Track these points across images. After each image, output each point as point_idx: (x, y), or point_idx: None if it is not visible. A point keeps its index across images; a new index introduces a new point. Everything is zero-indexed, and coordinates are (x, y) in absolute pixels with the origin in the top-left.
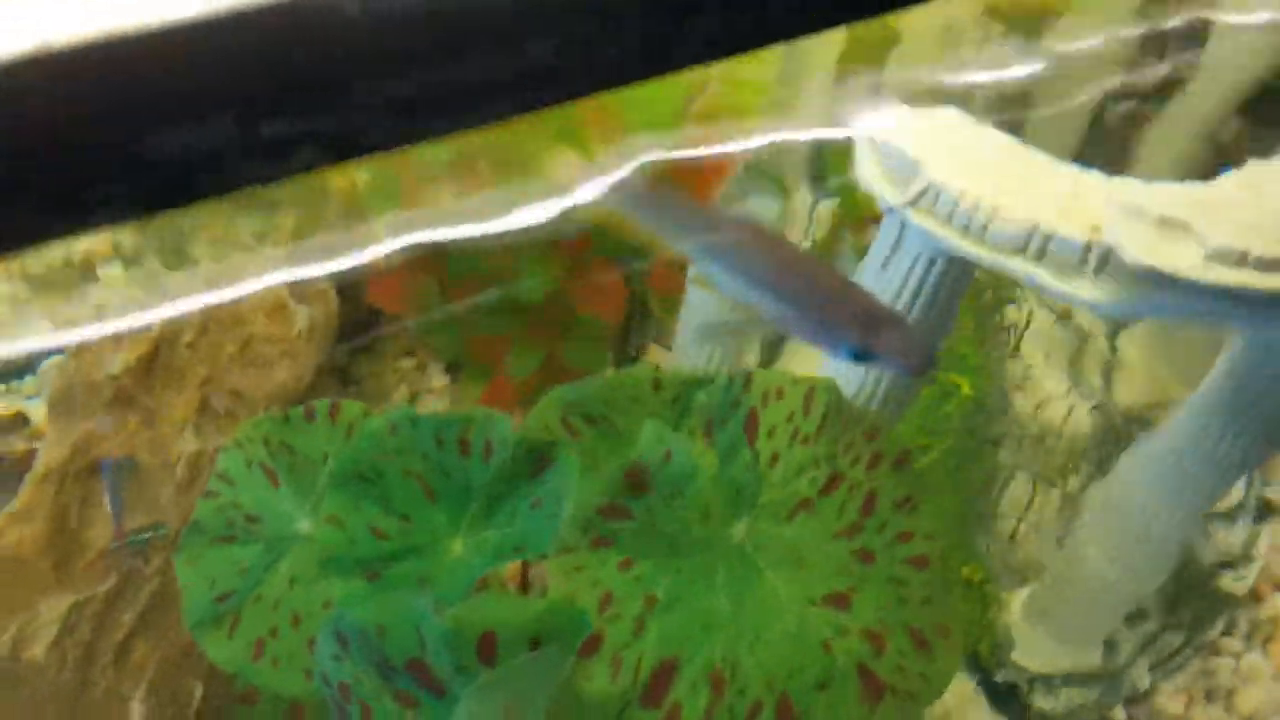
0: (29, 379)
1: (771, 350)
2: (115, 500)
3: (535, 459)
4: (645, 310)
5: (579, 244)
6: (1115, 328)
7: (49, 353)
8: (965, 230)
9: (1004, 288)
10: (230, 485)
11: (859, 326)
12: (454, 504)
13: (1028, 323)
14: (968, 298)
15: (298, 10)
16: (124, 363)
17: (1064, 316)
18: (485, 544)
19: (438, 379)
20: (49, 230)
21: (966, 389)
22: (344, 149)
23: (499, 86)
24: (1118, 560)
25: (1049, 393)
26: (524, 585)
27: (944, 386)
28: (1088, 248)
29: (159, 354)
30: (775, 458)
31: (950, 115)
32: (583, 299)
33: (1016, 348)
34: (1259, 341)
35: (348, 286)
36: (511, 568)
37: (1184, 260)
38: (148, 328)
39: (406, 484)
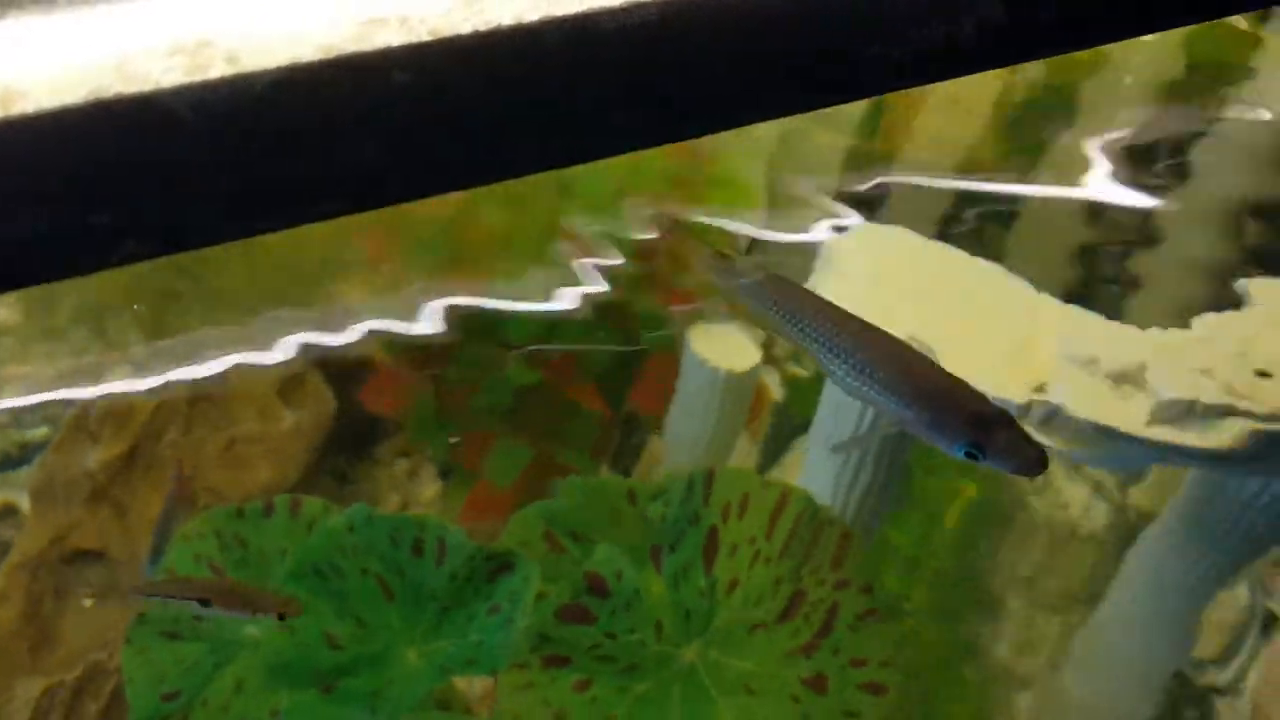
0: (24, 469)
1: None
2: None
3: (495, 565)
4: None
5: (565, 360)
6: None
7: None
8: None
9: None
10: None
11: (972, 426)
12: (410, 607)
13: None
14: None
15: (131, 107)
16: (102, 458)
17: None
18: (439, 655)
19: (430, 486)
20: None
21: (973, 491)
22: (170, 241)
23: (328, 184)
24: (1104, 694)
25: (1069, 497)
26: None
27: (951, 489)
28: (1027, 407)
29: (139, 451)
30: (734, 582)
31: (899, 234)
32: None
33: None
34: (1213, 479)
35: (344, 386)
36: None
37: (1132, 416)
38: (129, 423)
39: (364, 582)
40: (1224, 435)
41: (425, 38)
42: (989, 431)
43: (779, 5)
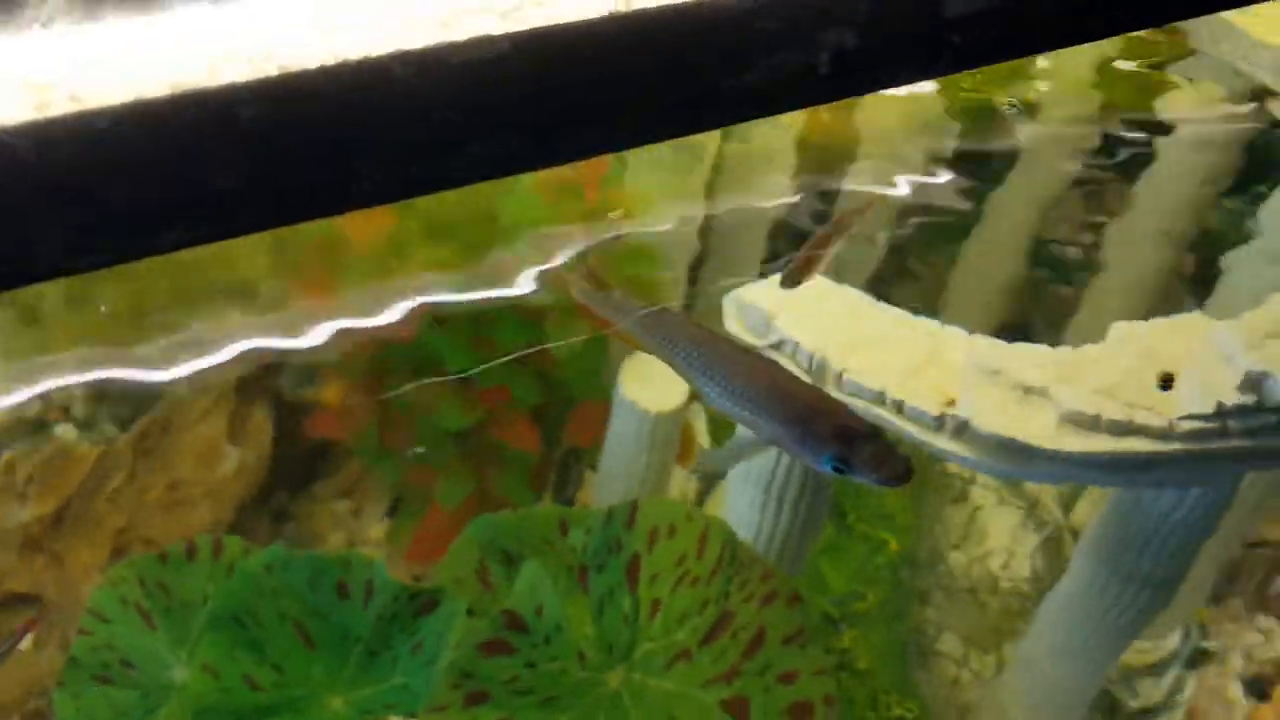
0: None
1: None
2: None
3: (419, 604)
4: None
5: (498, 392)
6: None
7: None
8: (823, 380)
9: None
10: (105, 623)
11: (838, 440)
12: (332, 653)
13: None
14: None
15: None
16: (34, 513)
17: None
18: (363, 701)
19: (375, 525)
20: None
21: (894, 545)
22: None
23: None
24: (1031, 712)
25: (990, 547)
26: None
27: (873, 542)
28: (940, 419)
29: (79, 499)
30: (657, 606)
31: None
32: (502, 433)
33: (963, 496)
34: (1128, 495)
35: (286, 423)
36: None
37: (1037, 428)
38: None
39: (282, 629)
40: (1125, 447)
41: (272, 72)
42: (853, 445)
43: (635, 35)
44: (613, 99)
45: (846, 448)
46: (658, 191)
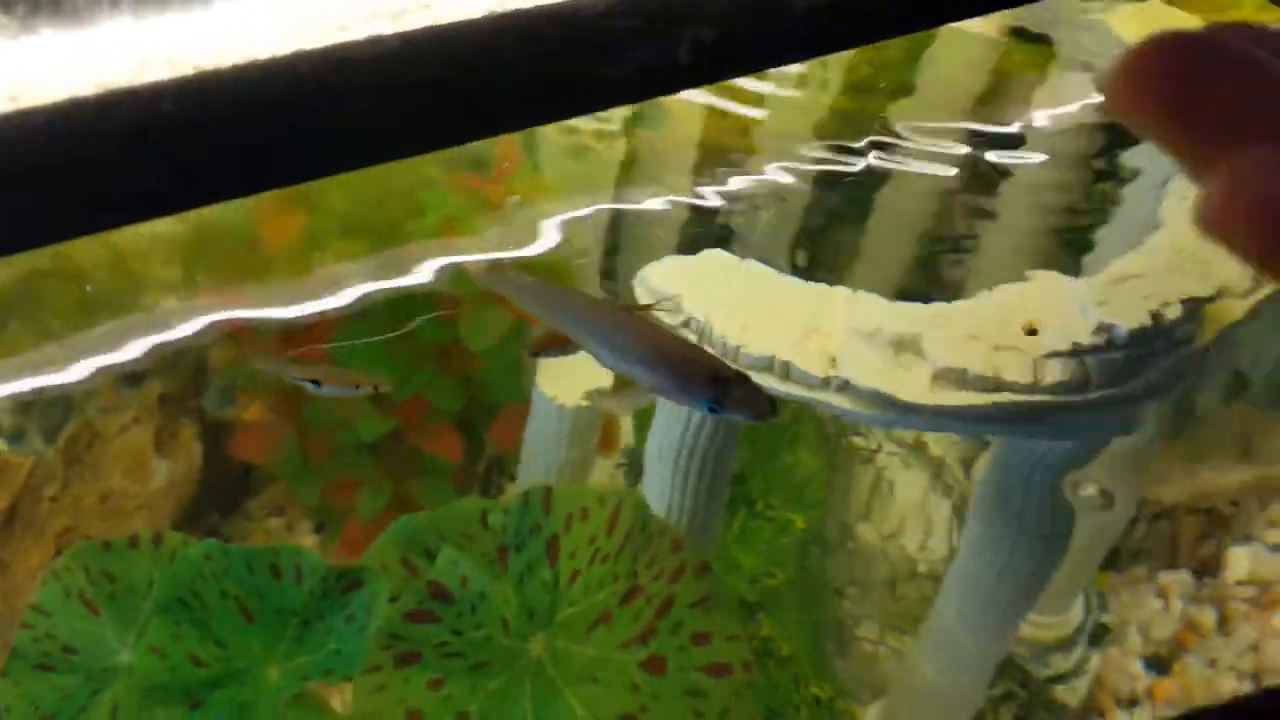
0: None
1: None
2: None
3: (347, 581)
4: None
5: (417, 403)
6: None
7: None
8: (725, 356)
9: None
10: (46, 617)
11: (711, 385)
12: (270, 628)
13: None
14: (809, 423)
15: None
16: None
17: (916, 446)
18: (300, 669)
19: (308, 542)
20: None
21: (801, 524)
22: None
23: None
24: (945, 674)
25: (900, 519)
26: None
27: (780, 522)
28: (826, 379)
29: (19, 506)
30: (575, 575)
31: (715, 255)
32: (421, 442)
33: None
34: (1003, 449)
35: (216, 439)
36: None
37: (912, 384)
38: (7, 482)
39: (224, 606)
40: (992, 398)
41: (190, 72)
42: (725, 388)
43: (512, 31)
44: (494, 89)
45: (719, 390)
46: (569, 182)
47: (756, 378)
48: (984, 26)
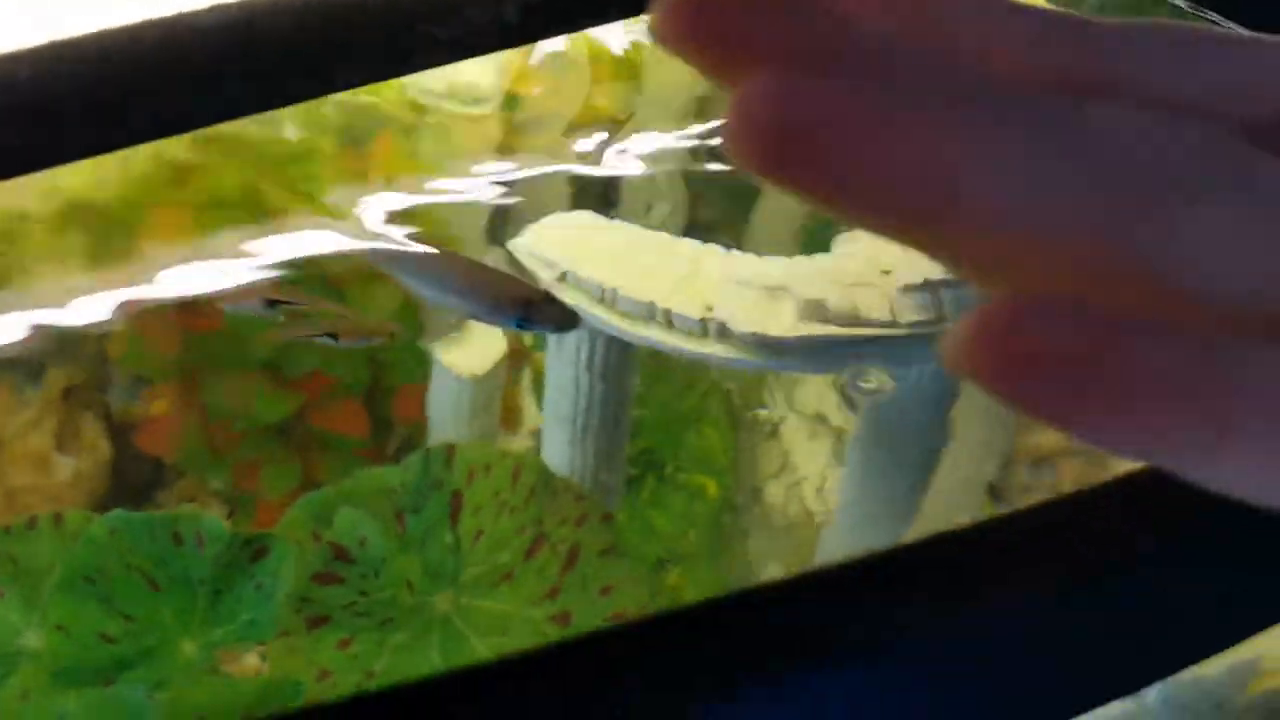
0: None
1: None
2: None
3: (253, 549)
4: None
5: (318, 380)
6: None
7: None
8: (602, 304)
9: (751, 390)
10: None
11: (518, 304)
12: (179, 596)
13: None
14: (716, 400)
15: None
16: None
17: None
18: (214, 642)
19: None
20: None
21: (714, 489)
22: None
23: None
24: None
25: (802, 474)
26: None
27: (691, 488)
28: (704, 323)
29: None
30: (479, 533)
31: (583, 217)
32: (325, 421)
33: (774, 434)
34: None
35: (123, 434)
36: None
37: (781, 319)
38: None
39: (129, 578)
40: (855, 332)
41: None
42: (532, 306)
43: None
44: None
45: (527, 308)
46: (448, 152)
47: (637, 327)
48: None
